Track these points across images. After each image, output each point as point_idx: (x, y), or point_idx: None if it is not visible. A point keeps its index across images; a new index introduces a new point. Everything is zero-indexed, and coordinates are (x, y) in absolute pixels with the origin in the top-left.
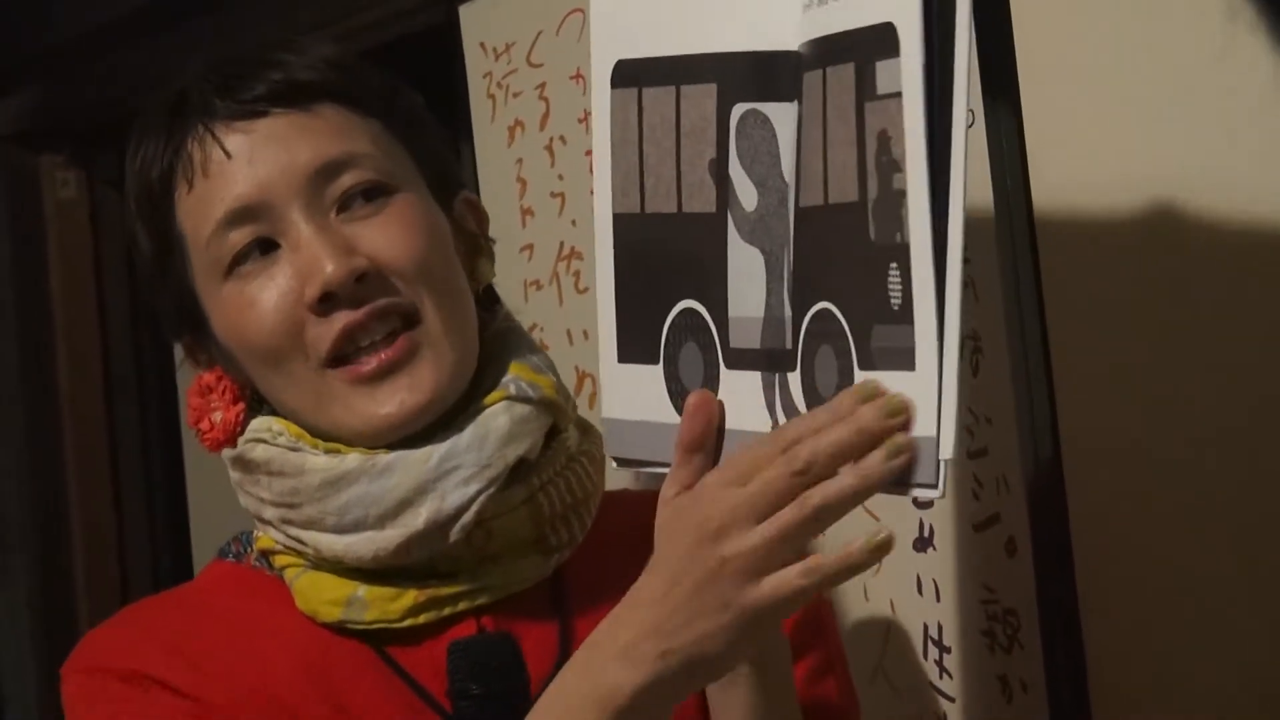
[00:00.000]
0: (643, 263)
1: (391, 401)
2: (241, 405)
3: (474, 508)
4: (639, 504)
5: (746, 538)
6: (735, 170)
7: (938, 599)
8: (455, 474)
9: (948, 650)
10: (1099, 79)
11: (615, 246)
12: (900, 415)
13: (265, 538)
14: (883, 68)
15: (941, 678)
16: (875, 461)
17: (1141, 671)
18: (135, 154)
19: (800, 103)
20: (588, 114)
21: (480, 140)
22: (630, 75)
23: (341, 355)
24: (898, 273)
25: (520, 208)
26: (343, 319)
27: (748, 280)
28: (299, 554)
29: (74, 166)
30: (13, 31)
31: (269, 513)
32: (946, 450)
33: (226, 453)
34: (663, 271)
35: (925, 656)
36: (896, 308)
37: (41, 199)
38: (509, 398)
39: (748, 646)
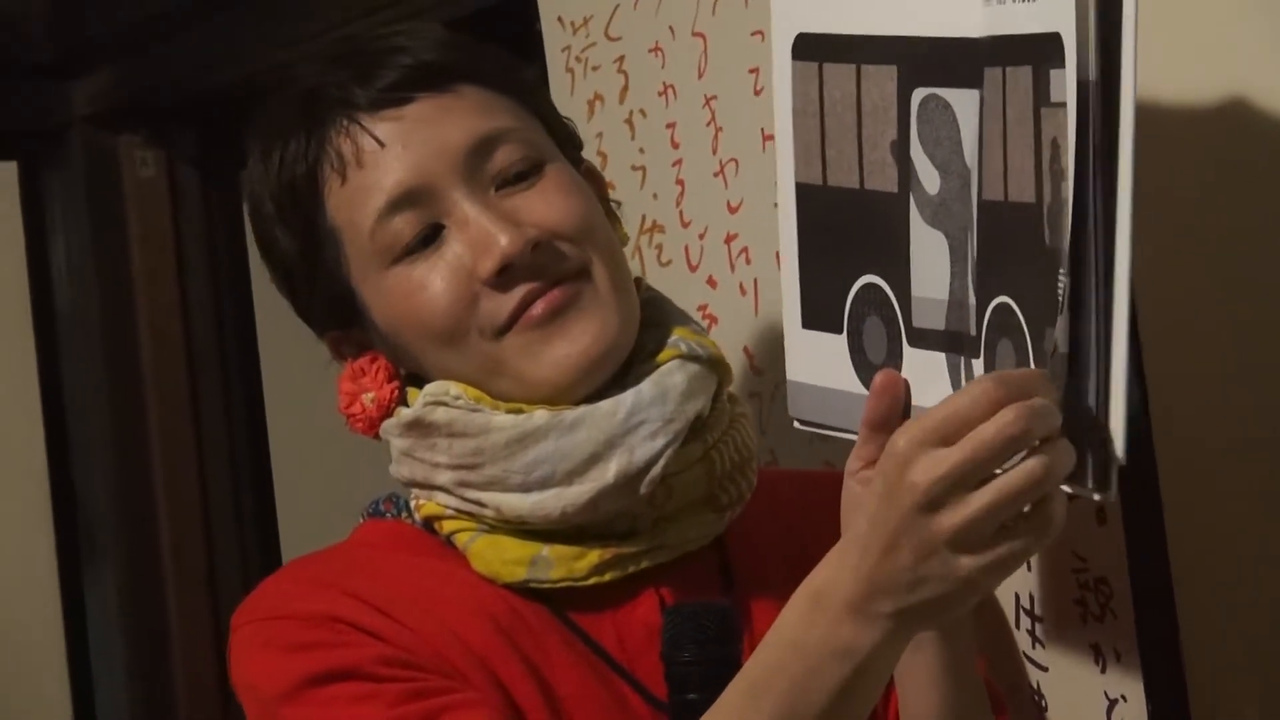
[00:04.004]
0: (826, 233)
1: (571, 340)
2: (395, 384)
3: (662, 461)
4: (784, 481)
5: (961, 510)
6: (917, 153)
7: (1029, 568)
8: (643, 428)
9: (1040, 620)
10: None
11: (798, 214)
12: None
13: (430, 504)
14: (1055, 76)
15: (1034, 647)
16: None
17: (1236, 638)
18: (268, 157)
19: (981, 91)
20: (667, 86)
21: None
22: (811, 49)
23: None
24: (1062, 278)
25: None
26: (522, 290)
27: (931, 262)
28: (474, 517)
29: (153, 145)
30: (90, 12)
31: (444, 477)
32: (1118, 451)
33: (400, 417)
34: (846, 244)
35: (1018, 626)
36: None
37: (121, 178)
38: (681, 356)
39: (963, 611)
